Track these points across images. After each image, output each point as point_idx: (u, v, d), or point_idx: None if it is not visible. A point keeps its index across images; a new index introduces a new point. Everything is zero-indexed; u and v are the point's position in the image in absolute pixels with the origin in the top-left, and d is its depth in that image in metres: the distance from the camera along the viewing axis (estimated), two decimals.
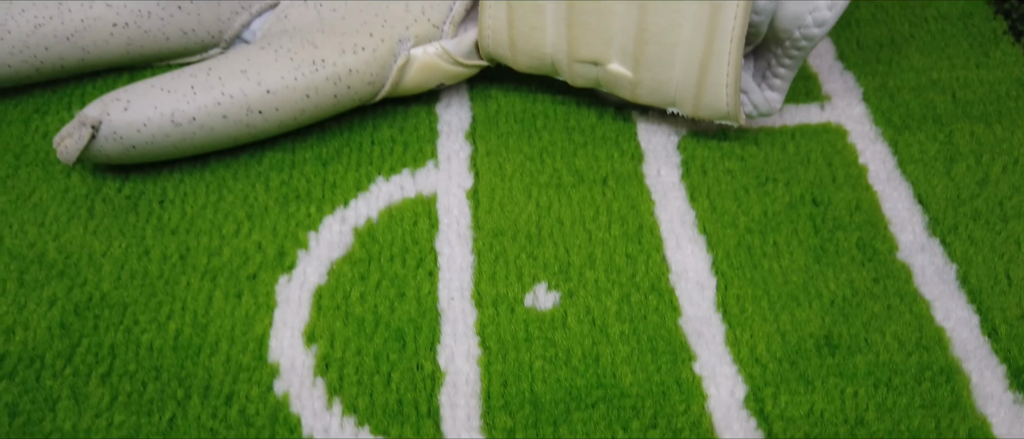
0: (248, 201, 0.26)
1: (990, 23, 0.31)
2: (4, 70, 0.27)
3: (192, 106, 0.25)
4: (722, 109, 0.25)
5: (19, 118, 0.29)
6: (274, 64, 0.25)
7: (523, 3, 0.25)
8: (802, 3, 0.23)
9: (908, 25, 0.31)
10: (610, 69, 0.25)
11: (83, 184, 0.27)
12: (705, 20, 0.23)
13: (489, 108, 0.29)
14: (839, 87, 0.29)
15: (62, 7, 0.27)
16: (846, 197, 0.26)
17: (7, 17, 0.27)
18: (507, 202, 0.26)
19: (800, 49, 0.24)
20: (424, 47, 0.27)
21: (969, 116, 0.28)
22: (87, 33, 0.28)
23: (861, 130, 0.28)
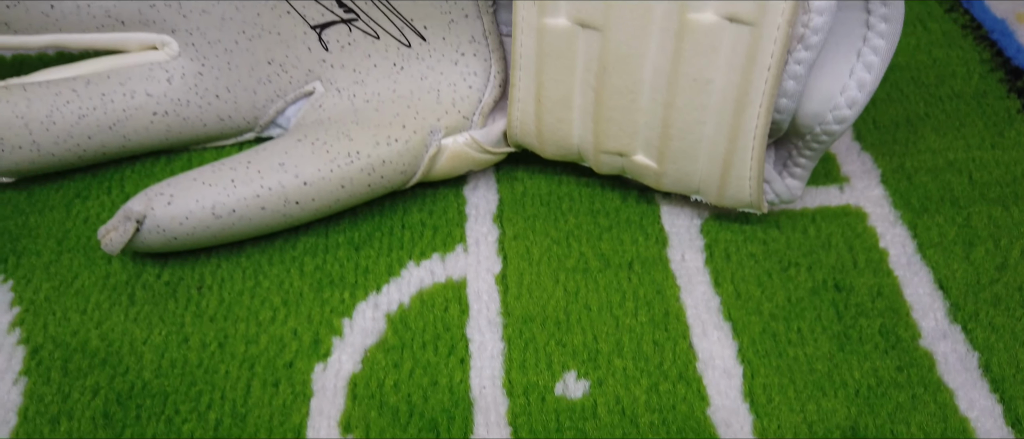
0: (284, 287, 0.27)
1: (1004, 102, 0.32)
2: (48, 158, 0.28)
3: (232, 199, 0.25)
4: (745, 199, 0.26)
5: (61, 203, 0.29)
6: (311, 157, 0.26)
7: (551, 97, 0.26)
8: (823, 102, 0.23)
9: (923, 104, 0.32)
10: (635, 160, 0.26)
11: (123, 270, 0.27)
12: (728, 119, 0.23)
13: (515, 190, 0.30)
14: (857, 168, 0.30)
15: (105, 98, 0.28)
16: (868, 282, 0.26)
17: (53, 109, 0.28)
18: (535, 287, 0.27)
19: (821, 143, 0.25)
20: (454, 137, 0.27)
21: (986, 198, 0.29)
22: (128, 122, 0.29)
23: (880, 213, 0.28)
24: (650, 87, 0.24)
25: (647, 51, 0.23)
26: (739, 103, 0.23)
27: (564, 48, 0.24)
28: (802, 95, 0.23)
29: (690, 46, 0.23)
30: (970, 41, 0.35)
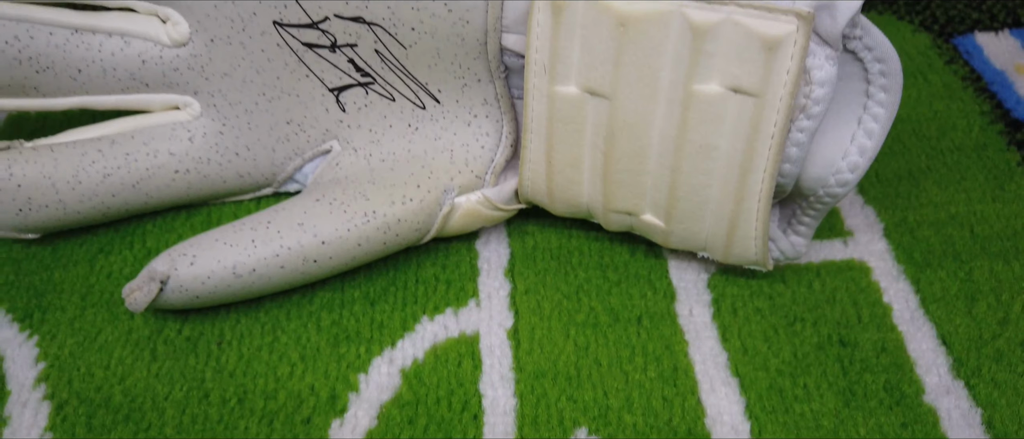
0: (301, 341, 0.28)
1: (1004, 155, 0.33)
2: (74, 215, 0.29)
3: (252, 258, 0.26)
4: (751, 257, 0.26)
5: (85, 258, 0.30)
6: (329, 216, 0.27)
7: (561, 159, 0.26)
8: (825, 166, 0.24)
9: (925, 157, 0.33)
10: (644, 219, 0.27)
11: (146, 325, 0.28)
12: (733, 183, 0.24)
13: (526, 244, 0.30)
14: (861, 222, 0.31)
15: (129, 157, 0.29)
16: (872, 338, 0.27)
17: (79, 169, 0.29)
18: (546, 342, 0.27)
19: (825, 203, 0.25)
20: (467, 195, 0.28)
21: (987, 252, 0.29)
22: (151, 180, 0.30)
23: (884, 267, 0.29)
24: (657, 152, 0.25)
25: (654, 119, 0.24)
26: (744, 168, 0.24)
27: (574, 114, 0.25)
28: (805, 160, 0.24)
29: (696, 115, 0.23)
30: (970, 93, 0.35)
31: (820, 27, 0.22)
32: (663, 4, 0.22)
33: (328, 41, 0.28)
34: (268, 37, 0.28)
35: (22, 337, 0.28)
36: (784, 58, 0.22)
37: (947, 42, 0.38)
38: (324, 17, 0.27)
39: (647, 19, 0.23)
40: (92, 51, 0.28)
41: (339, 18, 0.27)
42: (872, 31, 0.22)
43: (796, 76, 0.22)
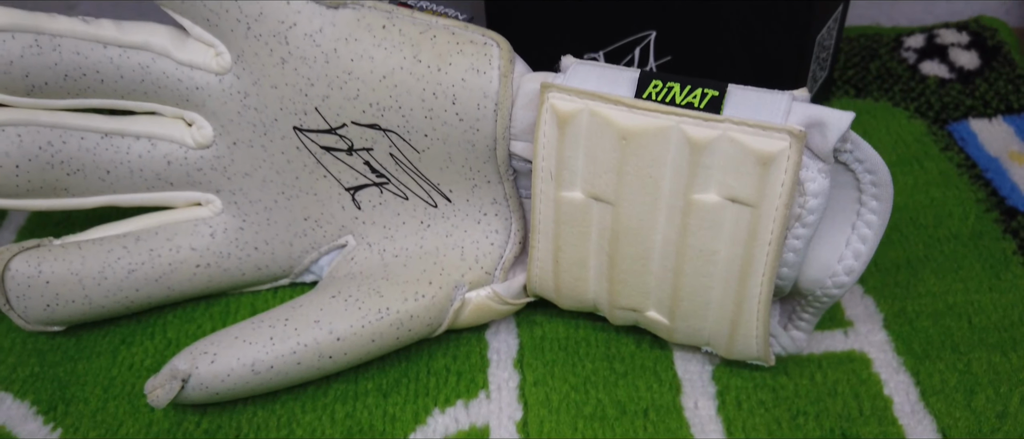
0: (316, 435, 0.28)
1: (999, 243, 0.34)
2: (98, 310, 0.30)
3: (270, 356, 0.27)
4: (753, 353, 0.27)
5: (107, 349, 0.31)
6: (344, 313, 0.28)
7: (568, 259, 0.27)
8: (822, 270, 0.25)
9: (923, 246, 0.34)
10: (648, 316, 0.28)
11: (166, 419, 0.29)
12: (733, 286, 0.25)
13: (535, 334, 0.31)
14: (860, 312, 0.31)
15: (153, 253, 0.30)
16: (874, 432, 0.28)
17: (105, 265, 0.30)
18: (555, 436, 0.28)
19: (822, 303, 0.26)
20: (477, 291, 0.29)
21: (985, 344, 0.30)
22: (173, 275, 0.31)
23: (884, 358, 0.30)
24: (660, 255, 0.26)
25: (656, 224, 0.25)
26: (743, 273, 0.25)
27: (580, 218, 0.26)
28: (802, 264, 0.25)
29: (695, 222, 0.24)
30: (965, 180, 0.37)
31: (812, 143, 0.23)
32: (663, 120, 0.24)
33: (345, 145, 0.29)
34: (288, 141, 0.29)
35: (46, 430, 0.29)
36: (778, 172, 0.23)
37: (942, 129, 0.39)
38: (342, 123, 0.28)
39: (648, 134, 0.24)
40: (120, 153, 0.30)
41: (356, 125, 0.28)
42: (862, 145, 0.23)
43: (790, 188, 0.23)
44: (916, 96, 0.41)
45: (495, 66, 0.26)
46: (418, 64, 0.27)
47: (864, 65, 0.43)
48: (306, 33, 0.28)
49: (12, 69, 0.27)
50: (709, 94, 0.23)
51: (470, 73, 0.26)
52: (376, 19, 0.27)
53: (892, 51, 0.44)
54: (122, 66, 0.29)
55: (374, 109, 0.28)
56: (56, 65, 0.28)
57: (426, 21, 0.28)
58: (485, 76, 0.26)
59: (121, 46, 0.28)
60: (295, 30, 0.28)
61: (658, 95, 0.24)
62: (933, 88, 0.41)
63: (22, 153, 0.28)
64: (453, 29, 0.27)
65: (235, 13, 0.28)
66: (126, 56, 0.28)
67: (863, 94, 0.42)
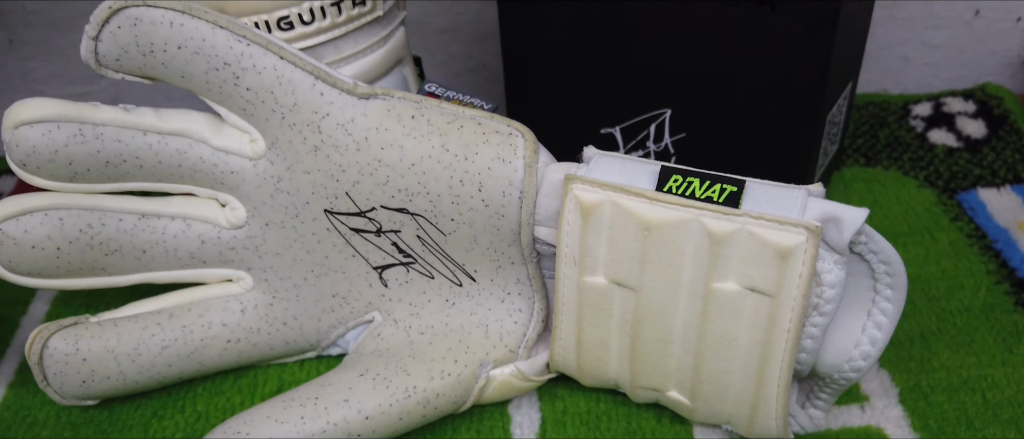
0: None
1: (1011, 316, 0.34)
2: (132, 385, 0.31)
3: (301, 435, 0.28)
4: (772, 433, 0.28)
5: (139, 422, 0.32)
6: (372, 392, 0.29)
7: (590, 340, 0.28)
8: (839, 355, 0.26)
9: (936, 319, 0.34)
10: (669, 395, 0.28)
11: None
12: (753, 371, 0.26)
13: (557, 408, 0.32)
14: (876, 387, 0.32)
15: (185, 329, 0.31)
16: None
17: (139, 342, 0.31)
18: None
19: (839, 385, 0.27)
20: (501, 368, 0.30)
21: (999, 419, 0.31)
22: (205, 350, 0.32)
23: (900, 434, 0.30)
24: (681, 339, 0.26)
25: (676, 310, 0.26)
26: (762, 358, 0.25)
27: (602, 302, 0.27)
28: (820, 350, 0.26)
29: (715, 309, 0.25)
30: (976, 251, 0.37)
31: (828, 237, 0.24)
32: (683, 212, 0.25)
33: (374, 227, 0.30)
34: (319, 223, 0.30)
35: None
36: (796, 264, 0.24)
37: (951, 198, 0.40)
38: (371, 207, 0.30)
39: (669, 226, 0.25)
40: (157, 234, 0.31)
41: (385, 208, 0.29)
42: (875, 238, 0.24)
43: (808, 279, 0.24)
44: (925, 165, 0.42)
45: (520, 156, 0.27)
46: (446, 153, 0.28)
47: (873, 133, 0.44)
48: (339, 123, 0.29)
49: (57, 157, 0.29)
50: (727, 189, 0.24)
51: (496, 162, 0.27)
52: (405, 109, 0.29)
53: (900, 119, 0.45)
54: (161, 152, 0.30)
55: (403, 194, 0.29)
56: (98, 152, 0.29)
57: (453, 111, 0.29)
58: (511, 165, 0.27)
59: (160, 133, 0.30)
60: (328, 120, 0.29)
61: (678, 189, 0.25)
62: (942, 157, 0.42)
63: (63, 236, 0.30)
64: (479, 119, 0.28)
65: (271, 104, 0.29)
66: (165, 142, 0.30)
67: (873, 163, 0.43)
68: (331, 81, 0.29)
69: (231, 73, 0.28)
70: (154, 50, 0.28)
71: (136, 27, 0.27)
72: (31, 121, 0.28)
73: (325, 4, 0.30)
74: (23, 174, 0.29)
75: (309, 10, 0.30)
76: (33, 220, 0.29)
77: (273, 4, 0.29)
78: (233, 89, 0.29)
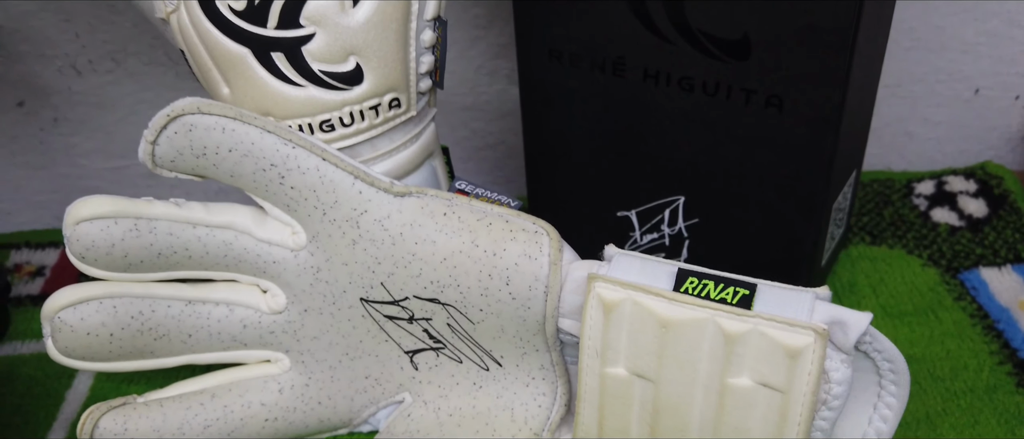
0: None
1: (1013, 397, 0.36)
2: None
3: None
4: None
5: None
6: None
7: (611, 427, 0.30)
8: None
9: (941, 400, 0.36)
10: None
11: None
12: None
13: None
14: None
15: (226, 409, 0.33)
16: None
17: (183, 422, 0.33)
18: None
19: None
20: None
21: None
22: (244, 428, 0.33)
23: None
24: (698, 430, 0.28)
25: (694, 402, 0.28)
26: None
27: (623, 392, 0.29)
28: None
29: (730, 402, 0.27)
30: (978, 331, 0.39)
31: (834, 338, 0.26)
32: (699, 312, 0.26)
33: (407, 315, 0.32)
34: (355, 310, 0.32)
35: None
36: (805, 363, 0.25)
37: (954, 278, 0.42)
38: (405, 296, 0.31)
39: (686, 324, 0.27)
40: (202, 319, 0.33)
41: (418, 298, 0.31)
42: (879, 338, 0.26)
43: (816, 377, 0.26)
44: (929, 244, 0.44)
45: (545, 253, 0.29)
46: (476, 249, 0.30)
47: (878, 211, 0.46)
48: (376, 219, 0.31)
49: (114, 251, 0.31)
50: (740, 292, 0.26)
51: (523, 259, 0.29)
52: (438, 207, 0.31)
53: (904, 198, 0.47)
54: (208, 243, 0.32)
55: (435, 286, 0.31)
56: (151, 245, 0.31)
57: (482, 209, 0.31)
58: (536, 262, 0.29)
59: (208, 226, 0.32)
60: (366, 216, 0.31)
61: (694, 290, 0.27)
62: (944, 236, 0.44)
63: (116, 322, 0.32)
64: (507, 217, 0.30)
65: (313, 201, 0.31)
66: (212, 235, 0.32)
67: (878, 241, 0.44)
68: (369, 180, 0.31)
69: (277, 173, 0.30)
70: (206, 153, 0.30)
71: (191, 132, 0.30)
72: (90, 218, 0.30)
73: (363, 108, 0.32)
74: (81, 266, 0.31)
75: (349, 114, 0.32)
76: (89, 308, 0.31)
77: (316, 108, 0.31)
78: (278, 188, 0.31)
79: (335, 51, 0.31)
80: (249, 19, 0.30)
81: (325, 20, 0.30)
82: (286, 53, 0.31)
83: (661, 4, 0.33)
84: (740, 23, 0.32)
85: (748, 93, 0.33)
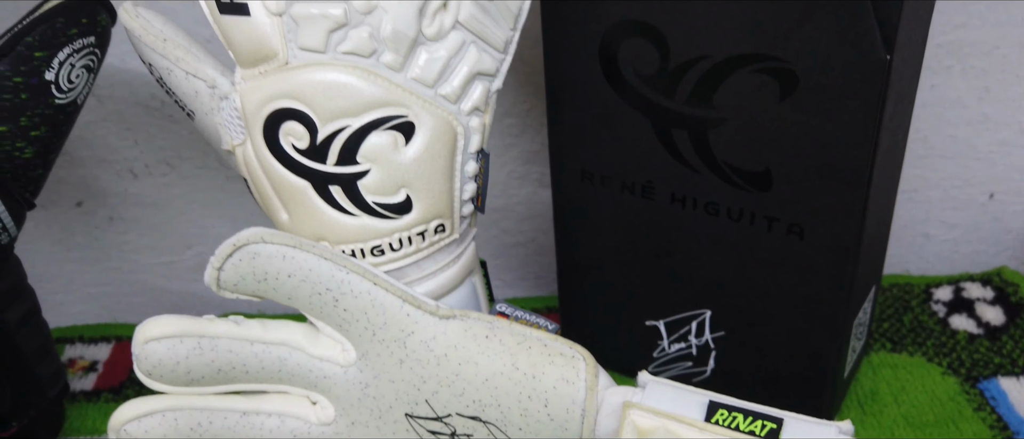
0: None
1: None
2: None
3: None
4: None
5: None
6: None
7: None
8: None
9: None
10: None
11: None
12: None
13: None
14: None
15: None
16: None
17: None
18: None
19: None
20: None
21: None
22: None
23: None
24: None
25: None
26: None
27: None
28: None
29: None
30: None
31: None
32: None
33: (449, 430, 0.34)
34: (400, 424, 0.34)
35: None
36: None
37: (974, 387, 0.43)
38: (448, 414, 0.33)
39: None
40: (255, 429, 0.35)
41: (460, 416, 0.33)
42: None
43: None
44: (948, 351, 0.45)
45: (582, 378, 0.31)
46: (516, 371, 0.32)
47: (898, 317, 0.48)
48: (422, 340, 0.33)
49: (178, 368, 0.33)
50: (768, 426, 0.28)
51: (561, 383, 0.31)
52: (480, 330, 0.33)
53: (923, 304, 0.49)
54: (264, 359, 0.34)
55: (476, 404, 0.33)
56: (212, 362, 0.33)
57: (522, 332, 0.33)
58: (574, 386, 0.31)
59: (265, 343, 0.34)
60: (413, 337, 0.33)
61: (725, 422, 0.28)
62: (963, 344, 0.46)
63: (177, 434, 0.34)
64: (545, 341, 0.32)
65: (364, 322, 0.33)
66: (268, 351, 0.34)
67: (899, 348, 0.46)
68: (417, 304, 0.33)
69: (332, 297, 0.33)
70: (268, 278, 0.32)
71: (254, 260, 0.32)
72: (159, 337, 0.33)
73: (412, 234, 0.34)
74: (148, 381, 0.33)
75: (398, 239, 0.34)
76: (152, 421, 0.33)
77: (368, 235, 0.34)
78: (332, 309, 0.33)
79: (388, 185, 0.33)
80: (311, 156, 0.33)
81: (380, 157, 0.33)
82: (343, 187, 0.33)
83: (687, 135, 0.35)
84: (762, 157, 0.34)
85: (770, 220, 0.35)
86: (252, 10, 0.31)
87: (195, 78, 0.34)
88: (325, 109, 0.32)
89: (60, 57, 0.35)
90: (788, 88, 0.32)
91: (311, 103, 0.32)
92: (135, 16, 0.35)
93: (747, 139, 0.34)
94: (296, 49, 0.31)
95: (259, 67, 0.32)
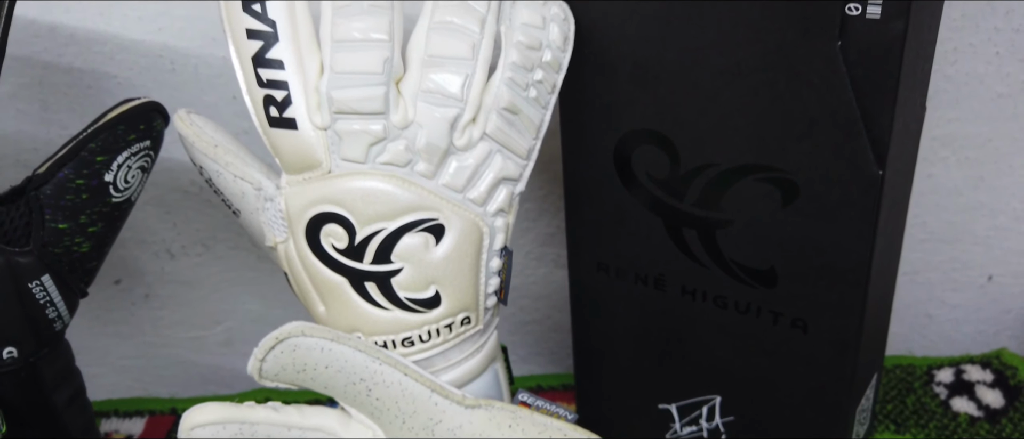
0: None
1: None
2: None
3: None
4: None
5: None
6: None
7: None
8: None
9: None
10: None
11: None
12: None
13: None
14: None
15: None
16: None
17: None
18: None
19: None
20: None
21: None
22: None
23: None
24: None
25: None
26: None
27: None
28: None
29: None
30: None
31: None
32: None
33: None
34: None
35: None
36: None
37: None
38: None
39: None
40: None
41: None
42: None
43: None
44: (950, 434, 0.47)
45: None
46: None
47: (901, 399, 0.50)
48: (449, 428, 0.35)
49: None
50: None
51: None
52: (504, 419, 0.35)
53: (925, 385, 0.50)
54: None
55: None
56: None
57: (543, 421, 0.35)
58: None
59: (301, 428, 0.36)
60: (441, 426, 0.35)
61: None
62: (965, 426, 0.47)
63: None
64: (565, 431, 0.35)
65: (395, 410, 0.35)
66: (304, 435, 0.36)
67: (902, 430, 0.47)
68: (444, 394, 0.35)
69: (365, 387, 0.35)
70: (306, 368, 0.35)
71: (295, 352, 0.35)
72: (204, 424, 0.35)
73: (440, 326, 0.37)
74: None
75: (427, 331, 0.37)
76: None
77: (399, 328, 0.36)
78: (365, 398, 0.35)
79: (419, 282, 0.36)
80: (349, 256, 0.35)
81: (412, 257, 0.35)
82: (378, 283, 0.36)
83: (696, 234, 0.38)
84: (767, 257, 0.36)
85: (776, 315, 0.38)
86: (300, 124, 0.34)
87: (243, 181, 0.37)
88: (364, 214, 0.34)
89: (119, 160, 0.38)
90: (789, 196, 0.34)
91: (351, 208, 0.34)
92: (189, 123, 0.38)
93: (753, 240, 0.36)
94: (339, 160, 0.34)
95: (304, 174, 0.35)
